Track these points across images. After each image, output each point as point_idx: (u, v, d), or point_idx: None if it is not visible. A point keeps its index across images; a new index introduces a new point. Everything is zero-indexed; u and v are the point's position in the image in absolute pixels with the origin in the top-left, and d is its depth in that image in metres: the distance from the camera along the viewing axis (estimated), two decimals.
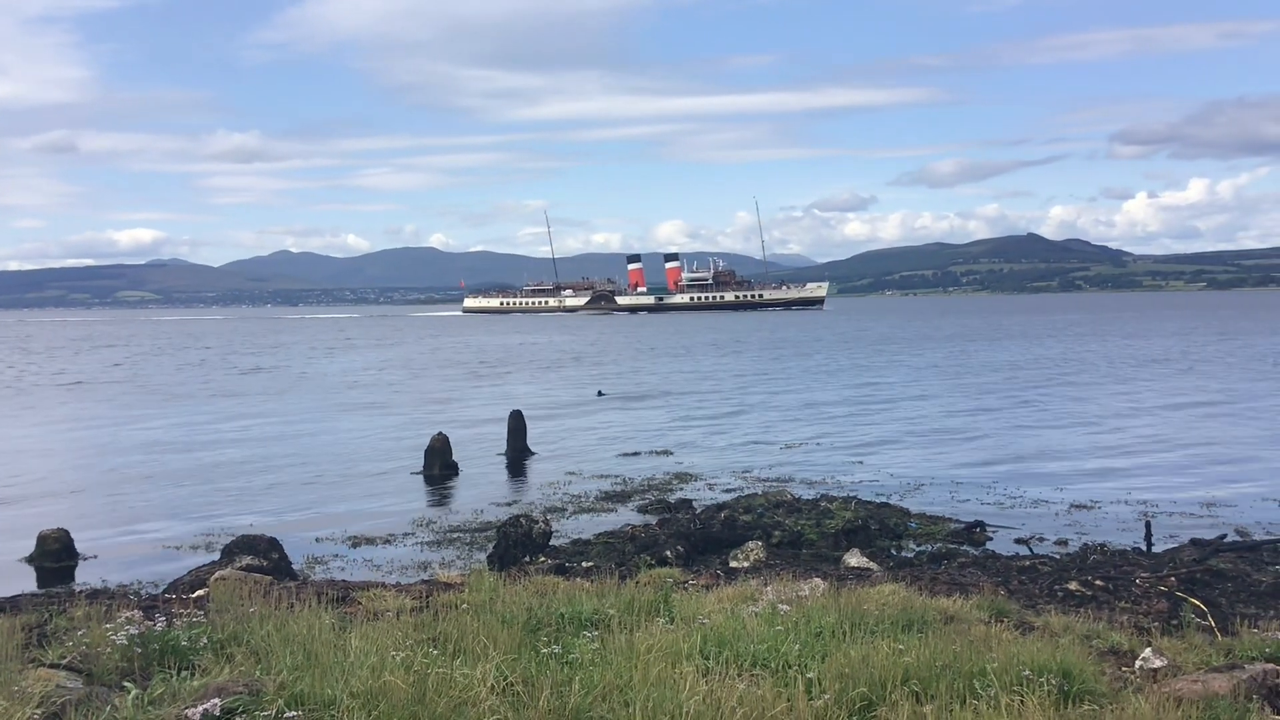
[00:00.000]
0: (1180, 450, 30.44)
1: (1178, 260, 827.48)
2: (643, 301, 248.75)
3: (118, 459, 31.33)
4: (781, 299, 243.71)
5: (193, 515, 22.94)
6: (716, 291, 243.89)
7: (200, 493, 25.69)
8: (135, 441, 35.21)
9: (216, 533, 20.69)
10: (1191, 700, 7.83)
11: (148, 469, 29.33)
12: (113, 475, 28.42)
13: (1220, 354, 73.80)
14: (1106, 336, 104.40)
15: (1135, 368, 62.83)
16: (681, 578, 13.78)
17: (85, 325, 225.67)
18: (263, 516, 22.50)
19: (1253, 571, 15.81)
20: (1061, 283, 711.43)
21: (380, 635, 8.75)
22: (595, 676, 7.71)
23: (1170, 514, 21.64)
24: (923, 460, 29.47)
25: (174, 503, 24.54)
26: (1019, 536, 19.68)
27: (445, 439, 28.18)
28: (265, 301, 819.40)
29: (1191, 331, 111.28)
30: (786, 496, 22.74)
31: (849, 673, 7.83)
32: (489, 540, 19.06)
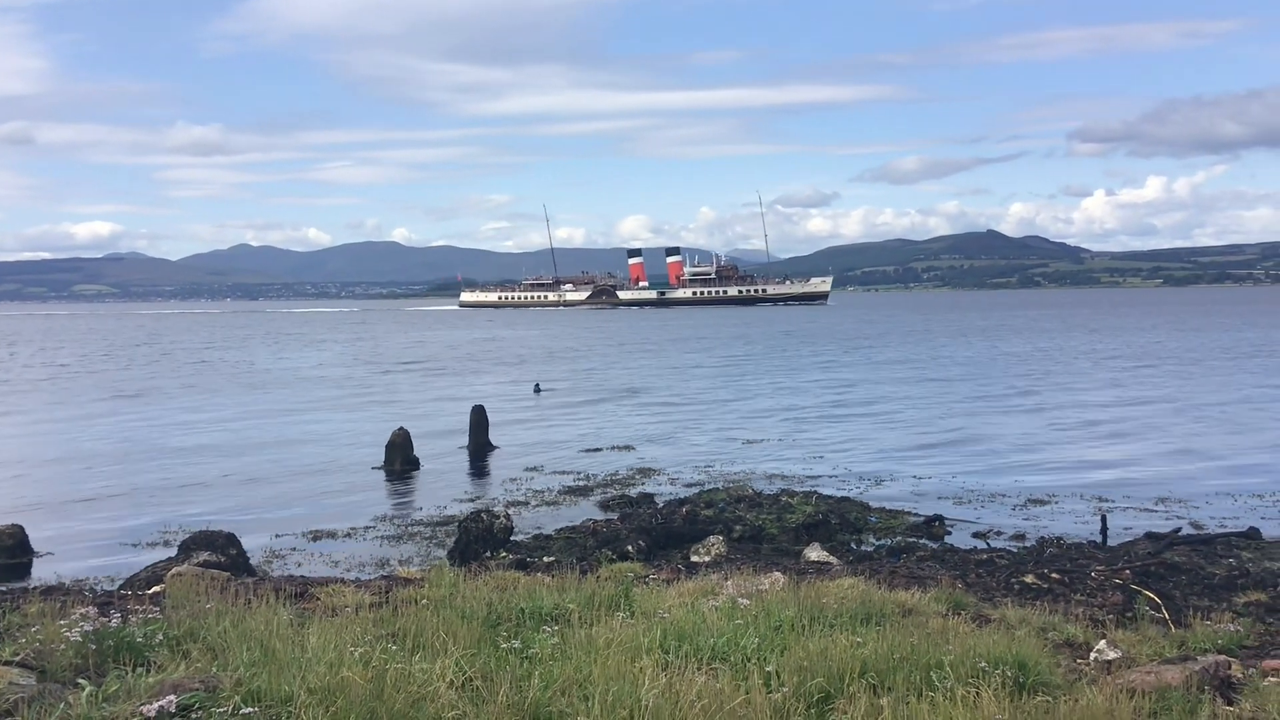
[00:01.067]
0: (1136, 444, 30.81)
1: (1135, 257, 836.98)
2: (645, 296, 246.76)
3: (75, 454, 30.99)
4: (785, 294, 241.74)
5: (150, 511, 22.71)
6: (719, 286, 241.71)
7: (158, 489, 25.43)
8: (93, 437, 34.83)
9: (174, 529, 20.49)
10: (1144, 691, 7.94)
11: (105, 465, 29.01)
12: (70, 471, 28.10)
13: (1177, 350, 74.71)
14: (1095, 332, 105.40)
15: (1099, 363, 63.51)
16: (642, 572, 13.82)
17: (76, 319, 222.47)
18: (221, 512, 22.29)
19: (1206, 564, 16.03)
20: (1020, 279, 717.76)
21: (338, 631, 8.69)
22: (555, 671, 7.71)
23: (1126, 508, 21.90)
24: (884, 455, 29.65)
25: (132, 499, 24.28)
26: (977, 530, 19.88)
27: (406, 434, 28.05)
28: (224, 295, 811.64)
29: (1151, 328, 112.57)
30: (748, 491, 22.84)
31: (807, 665, 7.87)
32: (450, 535, 19.01)
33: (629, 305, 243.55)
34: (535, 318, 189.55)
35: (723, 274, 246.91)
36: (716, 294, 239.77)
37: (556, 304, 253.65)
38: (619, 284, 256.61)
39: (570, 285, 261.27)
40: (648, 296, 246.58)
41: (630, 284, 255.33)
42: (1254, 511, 21.30)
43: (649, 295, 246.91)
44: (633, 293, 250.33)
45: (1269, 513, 21.22)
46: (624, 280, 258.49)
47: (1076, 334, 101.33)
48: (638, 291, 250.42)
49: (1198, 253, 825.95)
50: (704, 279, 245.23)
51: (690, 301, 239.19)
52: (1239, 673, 8.87)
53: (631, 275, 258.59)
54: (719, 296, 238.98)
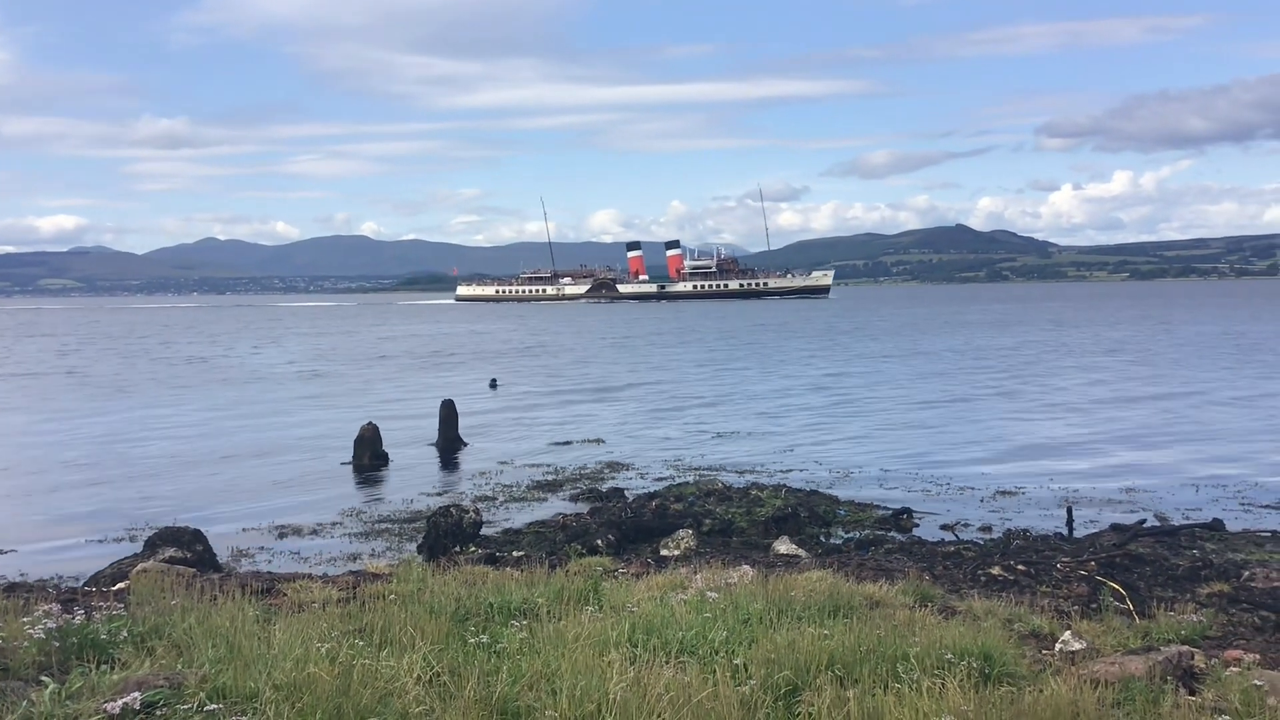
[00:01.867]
0: (1103, 437, 31.05)
1: (1101, 251, 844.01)
2: (645, 290, 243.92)
3: (40, 451, 30.69)
4: (787, 287, 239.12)
5: (116, 507, 22.50)
6: (720, 280, 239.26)
7: (125, 484, 25.22)
8: (59, 433, 34.51)
9: (140, 525, 20.31)
10: (1108, 682, 8.02)
11: (71, 460, 28.75)
12: (35, 467, 27.84)
13: (1144, 342, 75.39)
14: (1061, 326, 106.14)
15: (1073, 356, 64.00)
16: (612, 566, 13.82)
17: (74, 313, 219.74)
18: (188, 508, 22.10)
19: (1170, 555, 16.21)
20: (989, 273, 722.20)
21: (305, 627, 8.67)
22: (523, 665, 7.72)
23: (1092, 500, 22.09)
24: (853, 448, 29.79)
25: (98, 495, 24.07)
26: (945, 523, 19.99)
27: (375, 428, 27.91)
28: (191, 290, 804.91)
29: (1121, 322, 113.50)
30: (717, 485, 22.89)
31: (775, 658, 7.91)
32: (419, 530, 18.95)
33: (629, 299, 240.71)
34: (532, 312, 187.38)
35: (724, 267, 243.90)
36: (718, 288, 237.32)
37: (555, 298, 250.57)
38: (618, 277, 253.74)
39: (569, 279, 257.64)
40: (648, 290, 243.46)
41: (629, 277, 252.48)
42: (1217, 503, 21.51)
43: (649, 289, 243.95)
44: (633, 286, 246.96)
45: (1232, 504, 21.45)
46: (623, 273, 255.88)
47: (1063, 329, 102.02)
48: (638, 285, 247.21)
49: (1163, 247, 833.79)
50: (705, 272, 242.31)
51: (691, 295, 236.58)
52: (1201, 663, 8.96)
53: (631, 268, 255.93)
54: (720, 290, 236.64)
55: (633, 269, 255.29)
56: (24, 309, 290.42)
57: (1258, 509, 21.04)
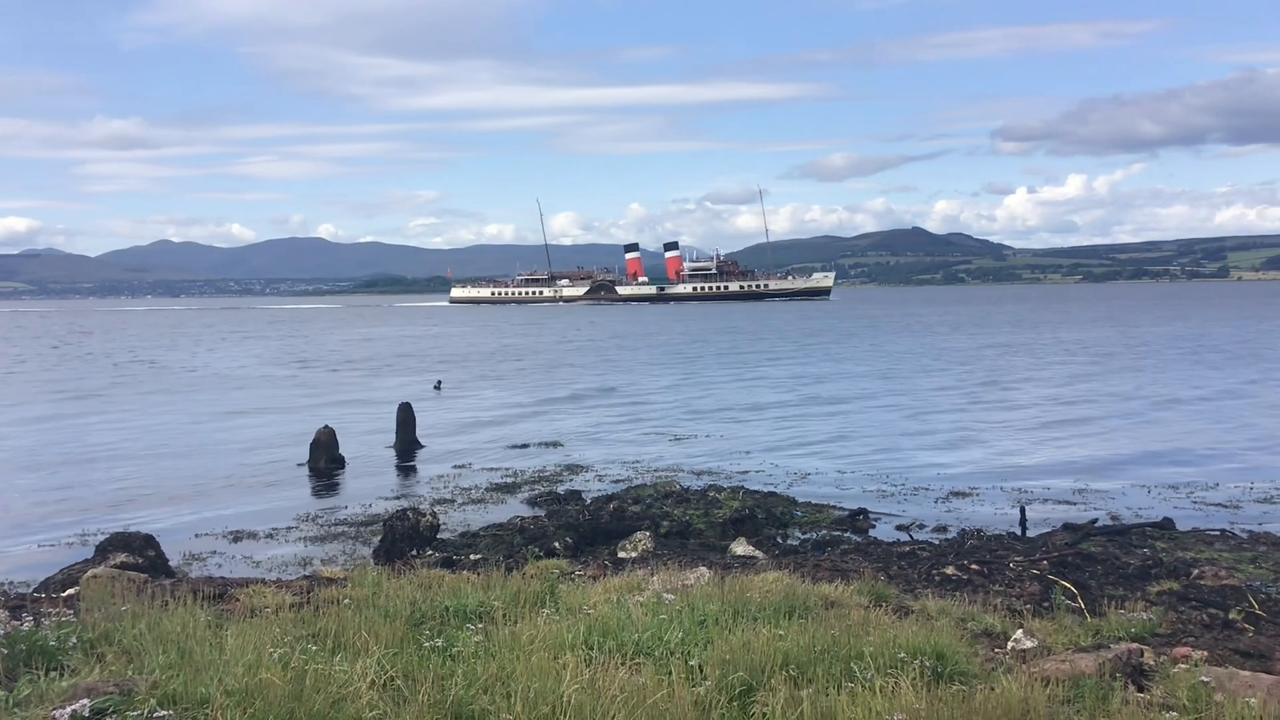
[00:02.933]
0: (1056, 438, 31.38)
1: (1055, 254, 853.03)
2: (645, 292, 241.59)
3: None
4: (787, 289, 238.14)
5: (67, 513, 22.22)
6: (720, 282, 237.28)
7: (77, 489, 24.89)
8: (9, 437, 33.98)
9: (92, 530, 20.07)
10: (1059, 679, 8.12)
11: (22, 465, 28.34)
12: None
13: (1100, 343, 76.25)
14: (1037, 327, 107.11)
15: (1036, 357, 64.63)
16: (569, 569, 13.81)
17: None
18: (140, 513, 21.89)
19: (1121, 554, 16.41)
20: (945, 275, 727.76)
21: (258, 632, 8.59)
22: (478, 669, 7.69)
23: (1045, 500, 22.33)
24: (810, 449, 29.93)
25: (49, 500, 23.74)
26: (900, 523, 20.14)
27: (331, 431, 27.72)
28: (145, 293, 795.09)
29: (1079, 323, 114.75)
30: (675, 487, 22.92)
31: (730, 659, 7.93)
32: (375, 534, 18.83)
33: (628, 301, 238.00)
34: (529, 315, 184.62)
35: (723, 269, 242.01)
36: (717, 290, 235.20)
37: (553, 300, 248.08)
38: (617, 279, 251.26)
39: (566, 280, 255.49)
40: (648, 292, 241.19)
41: (628, 279, 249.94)
42: (1168, 502, 21.82)
43: (649, 291, 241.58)
44: (632, 288, 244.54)
45: (1182, 503, 21.75)
46: (620, 275, 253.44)
47: (1024, 330, 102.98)
48: (637, 287, 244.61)
49: (1116, 249, 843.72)
50: (704, 274, 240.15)
51: (691, 297, 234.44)
52: (1151, 660, 9.08)
53: (629, 270, 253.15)
54: (720, 292, 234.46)
55: (631, 271, 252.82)
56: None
57: (1207, 508, 21.34)
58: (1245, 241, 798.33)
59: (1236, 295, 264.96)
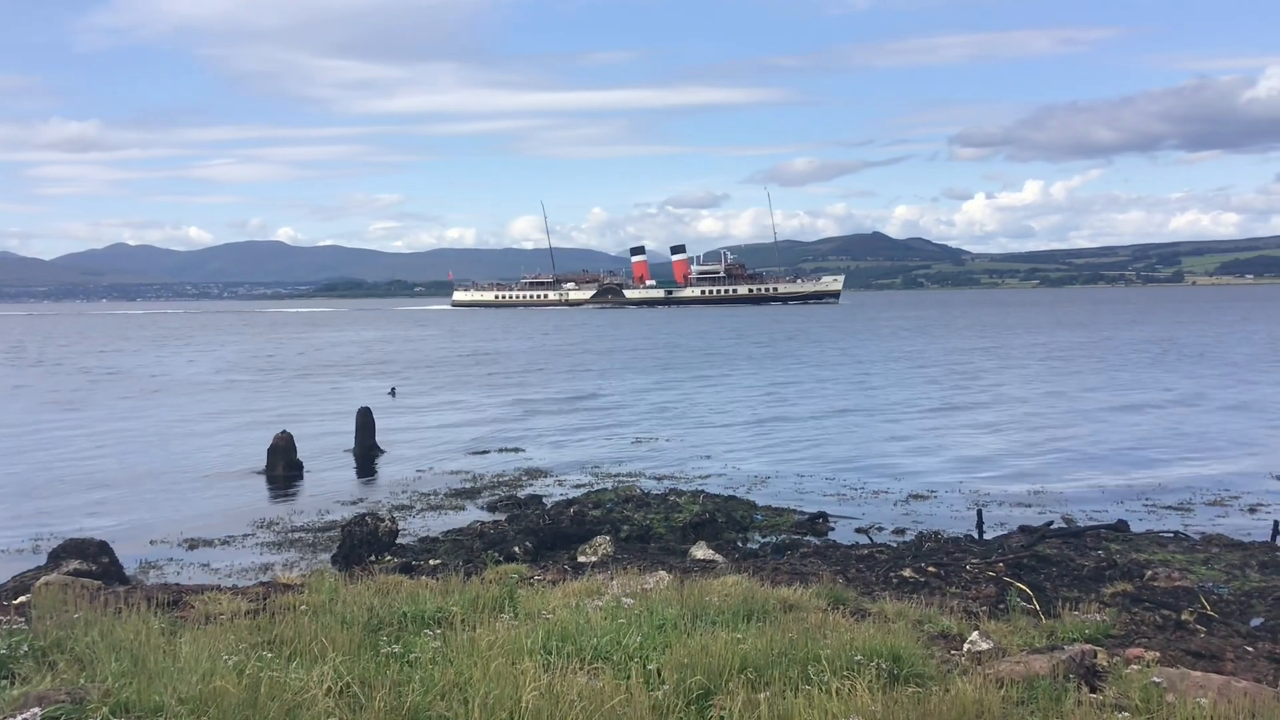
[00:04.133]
0: (1012, 440, 31.66)
1: (1013, 259, 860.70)
2: (653, 295, 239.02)
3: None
4: (797, 292, 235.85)
5: (21, 519, 21.92)
6: (729, 285, 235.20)
7: (29, 496, 24.56)
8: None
9: (45, 537, 19.79)
10: (1013, 681, 8.20)
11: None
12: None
13: (1061, 347, 77.00)
14: (995, 331, 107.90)
15: (977, 358, 65.16)
16: (528, 574, 13.79)
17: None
18: (95, 520, 21.61)
19: (1076, 556, 16.59)
20: (905, 280, 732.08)
21: (212, 639, 8.54)
22: (435, 675, 7.67)
23: (1001, 502, 22.53)
24: (772, 453, 30.02)
25: (1, 506, 23.40)
26: (859, 526, 20.24)
27: (289, 437, 27.49)
28: (101, 296, 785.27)
29: (1034, 327, 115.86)
30: (635, 491, 22.94)
31: (688, 663, 7.96)
32: (333, 540, 18.68)
33: (637, 305, 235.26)
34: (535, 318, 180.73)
35: (732, 272, 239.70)
36: (726, 293, 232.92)
37: (558, 303, 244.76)
38: (623, 282, 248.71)
39: (572, 284, 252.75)
40: (655, 295, 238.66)
41: (633, 282, 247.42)
42: (1122, 505, 22.06)
43: (657, 294, 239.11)
44: (640, 292, 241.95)
45: (1136, 506, 22.01)
46: (626, 278, 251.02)
47: (992, 333, 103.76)
48: (645, 290, 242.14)
49: (1073, 254, 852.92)
50: (713, 277, 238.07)
51: (699, 301, 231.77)
52: (1104, 661, 9.18)
53: (635, 273, 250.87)
54: (729, 295, 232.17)
55: (637, 274, 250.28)
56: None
57: (1161, 510, 21.62)
58: (1199, 246, 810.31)
59: (1192, 300, 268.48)
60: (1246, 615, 13.46)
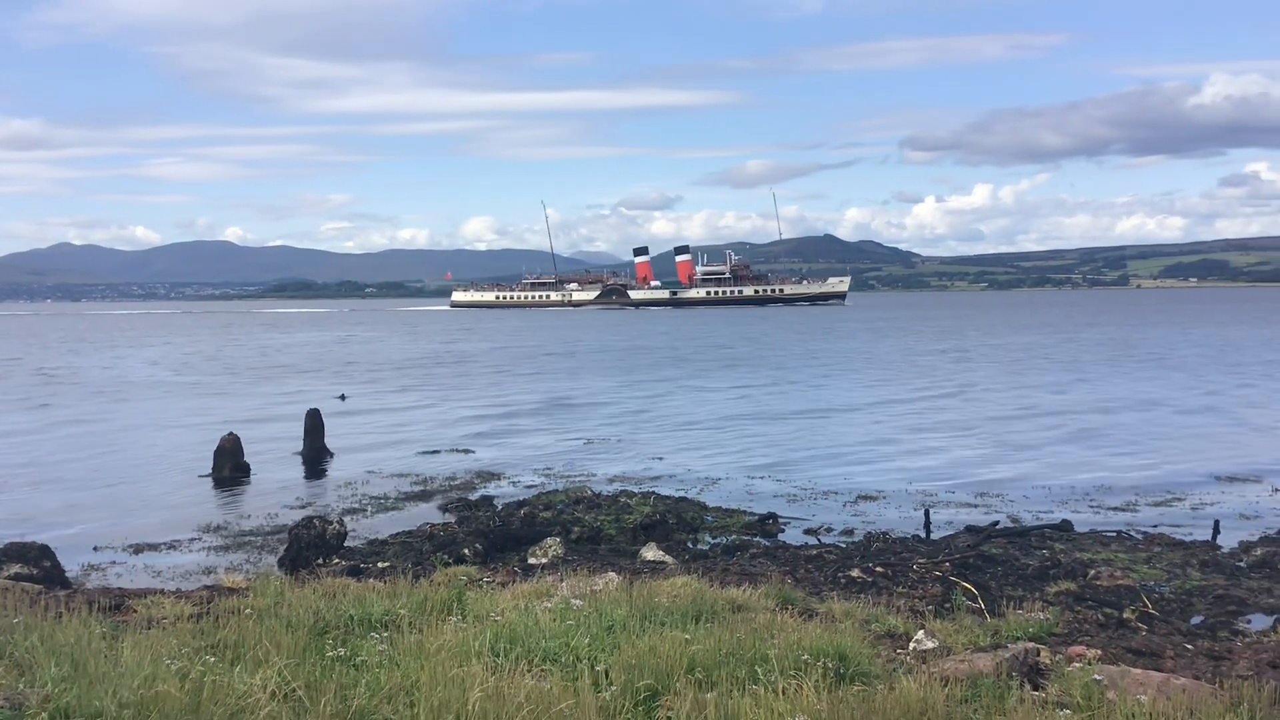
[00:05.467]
0: (959, 441, 31.97)
1: (963, 262, 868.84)
2: (658, 296, 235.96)
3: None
4: (803, 294, 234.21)
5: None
6: (735, 286, 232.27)
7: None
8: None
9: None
10: (957, 679, 8.29)
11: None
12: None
13: (997, 349, 77.83)
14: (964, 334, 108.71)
15: (922, 360, 65.69)
16: (478, 576, 13.75)
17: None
18: (37, 523, 21.22)
19: (1021, 556, 16.82)
20: (856, 282, 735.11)
21: (155, 643, 8.43)
22: (382, 678, 7.63)
23: (949, 503, 22.75)
24: (721, 454, 30.10)
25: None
26: (809, 527, 20.37)
27: (236, 439, 27.18)
28: (45, 296, 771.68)
29: (1000, 328, 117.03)
30: (587, 493, 22.92)
31: (636, 664, 7.97)
32: (280, 543, 18.50)
33: (642, 305, 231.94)
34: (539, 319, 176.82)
35: (737, 273, 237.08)
36: (732, 294, 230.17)
37: (561, 304, 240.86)
38: (628, 283, 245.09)
39: (576, 284, 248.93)
40: (661, 296, 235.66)
41: (638, 284, 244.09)
42: (1066, 505, 22.36)
43: (662, 295, 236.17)
44: (645, 292, 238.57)
45: (1080, 505, 22.32)
46: (629, 279, 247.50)
47: (959, 335, 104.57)
48: (651, 291, 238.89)
49: (1021, 258, 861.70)
50: (718, 278, 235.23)
51: (704, 302, 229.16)
52: (1047, 659, 9.31)
53: (639, 274, 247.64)
54: (734, 296, 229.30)
55: (640, 275, 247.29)
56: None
57: (1105, 510, 21.93)
58: (1144, 250, 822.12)
59: (1138, 302, 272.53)
60: (1187, 613, 13.71)
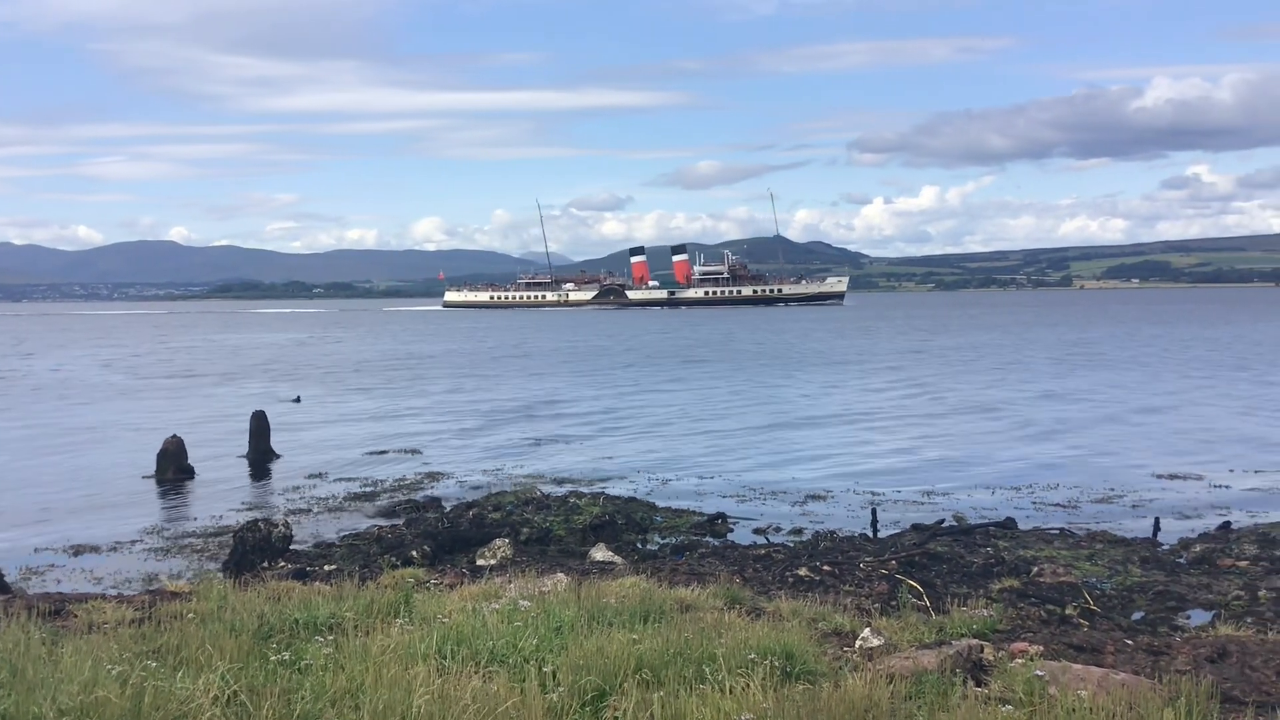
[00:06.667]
0: (906, 440, 32.26)
1: (910, 263, 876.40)
2: (656, 296, 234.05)
3: None
4: (801, 294, 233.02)
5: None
6: (733, 286, 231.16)
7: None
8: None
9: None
10: (902, 676, 8.36)
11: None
12: None
13: (963, 349, 78.60)
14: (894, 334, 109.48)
15: (876, 359, 66.20)
16: (425, 577, 13.67)
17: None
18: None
19: (966, 553, 16.99)
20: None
21: (95, 649, 8.30)
22: (326, 681, 7.57)
23: (895, 501, 22.97)
24: (671, 455, 30.15)
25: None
26: (758, 526, 20.48)
27: (179, 441, 26.83)
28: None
29: (944, 330, 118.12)
30: (536, 494, 22.86)
31: (584, 664, 7.96)
32: (224, 547, 18.31)
33: (639, 306, 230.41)
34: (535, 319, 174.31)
35: (735, 273, 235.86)
36: (730, 294, 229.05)
37: (557, 304, 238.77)
38: (626, 283, 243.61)
39: (572, 284, 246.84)
40: (658, 296, 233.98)
41: (635, 283, 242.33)
42: (1010, 503, 22.66)
43: (660, 295, 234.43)
44: (643, 292, 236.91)
45: (1024, 504, 22.62)
46: (625, 279, 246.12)
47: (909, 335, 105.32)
48: (648, 291, 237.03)
49: (967, 259, 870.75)
50: (716, 278, 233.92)
51: (703, 301, 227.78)
52: (990, 656, 9.40)
53: (635, 274, 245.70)
54: (733, 296, 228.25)
55: (636, 275, 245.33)
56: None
57: (1048, 508, 22.23)
58: (1087, 251, 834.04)
59: (1079, 302, 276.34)
60: (1128, 609, 13.93)
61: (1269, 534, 18.55)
